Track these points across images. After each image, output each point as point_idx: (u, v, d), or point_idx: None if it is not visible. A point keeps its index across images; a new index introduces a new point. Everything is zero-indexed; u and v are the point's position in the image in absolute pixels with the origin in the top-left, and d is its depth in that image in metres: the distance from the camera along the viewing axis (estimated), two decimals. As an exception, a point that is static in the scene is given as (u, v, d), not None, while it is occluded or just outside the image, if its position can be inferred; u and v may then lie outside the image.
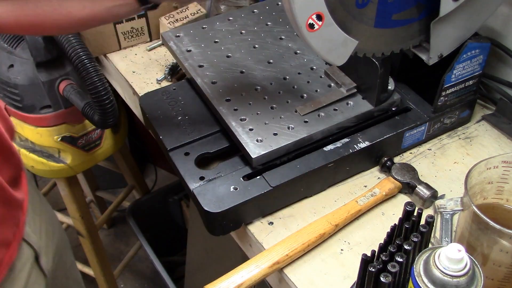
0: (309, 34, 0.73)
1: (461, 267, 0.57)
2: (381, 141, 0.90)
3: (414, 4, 0.83)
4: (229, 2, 1.29)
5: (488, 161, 0.72)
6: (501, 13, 0.98)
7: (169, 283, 1.61)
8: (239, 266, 0.76)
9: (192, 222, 1.53)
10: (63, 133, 1.30)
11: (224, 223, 0.82)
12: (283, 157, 0.86)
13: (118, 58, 1.18)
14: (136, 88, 1.10)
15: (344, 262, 0.79)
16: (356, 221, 0.85)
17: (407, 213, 0.69)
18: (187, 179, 0.83)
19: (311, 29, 0.73)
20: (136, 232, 1.74)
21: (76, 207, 1.55)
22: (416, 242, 0.65)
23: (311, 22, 0.72)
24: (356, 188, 0.90)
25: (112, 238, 2.22)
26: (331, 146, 0.88)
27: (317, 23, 0.73)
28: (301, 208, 0.87)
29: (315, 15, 0.72)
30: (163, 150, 0.90)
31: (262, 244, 0.81)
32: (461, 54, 0.87)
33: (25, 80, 1.19)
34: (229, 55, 1.00)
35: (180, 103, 0.96)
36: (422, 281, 0.58)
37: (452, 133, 0.99)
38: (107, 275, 1.76)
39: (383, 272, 0.62)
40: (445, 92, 0.91)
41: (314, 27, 0.73)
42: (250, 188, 0.82)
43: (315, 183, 0.88)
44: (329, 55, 0.78)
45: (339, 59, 0.79)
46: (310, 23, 0.72)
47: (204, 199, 0.80)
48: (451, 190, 0.89)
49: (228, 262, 1.22)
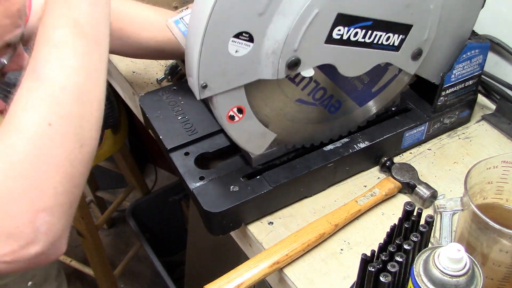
0: (229, 125, 0.76)
1: (460, 266, 0.57)
2: (381, 141, 0.90)
3: (385, 71, 0.84)
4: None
5: (488, 161, 0.72)
6: (500, 13, 0.98)
7: (169, 283, 1.61)
8: (239, 266, 0.76)
9: (192, 222, 1.53)
10: (63, 133, 1.30)
11: (224, 223, 0.82)
12: (283, 157, 0.86)
13: (118, 58, 1.18)
14: (136, 88, 1.10)
15: (344, 262, 0.79)
16: (356, 221, 0.85)
17: (407, 213, 0.69)
18: (187, 179, 0.83)
19: (231, 120, 0.75)
20: (136, 232, 1.74)
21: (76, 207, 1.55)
22: (416, 242, 0.65)
23: (231, 114, 0.75)
24: (356, 188, 0.90)
25: (112, 238, 2.22)
26: (331, 146, 0.88)
27: (237, 115, 0.75)
28: (301, 208, 0.87)
29: (236, 108, 0.74)
30: (163, 150, 0.90)
31: (262, 244, 0.81)
32: (460, 54, 0.87)
33: (25, 80, 1.19)
34: None
35: (180, 103, 0.96)
36: (422, 281, 0.58)
37: (452, 133, 0.99)
38: (107, 275, 1.76)
39: (382, 272, 0.62)
40: (445, 92, 0.92)
41: (234, 119, 0.75)
42: (250, 188, 0.82)
43: (315, 183, 0.88)
44: (247, 144, 0.80)
45: (257, 149, 0.82)
46: (231, 115, 0.75)
47: (204, 199, 0.80)
48: (451, 190, 0.89)
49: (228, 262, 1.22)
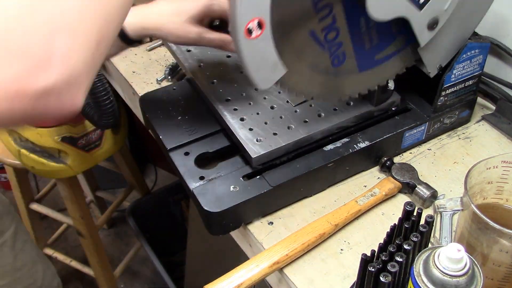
0: (244, 41, 0.69)
1: (460, 266, 0.57)
2: (381, 141, 0.90)
3: (393, 39, 0.83)
4: (229, 2, 1.29)
5: (488, 161, 0.72)
6: (500, 13, 0.98)
7: (169, 283, 1.61)
8: (239, 266, 0.76)
9: (192, 222, 1.53)
10: (63, 134, 1.30)
11: (224, 223, 0.82)
12: (283, 157, 0.86)
13: (118, 58, 1.18)
14: (136, 88, 1.10)
15: (344, 262, 0.79)
16: (356, 221, 0.85)
17: (407, 213, 0.69)
18: (187, 179, 0.83)
19: (249, 35, 0.68)
20: (136, 232, 1.74)
21: (76, 207, 1.55)
22: (416, 242, 0.65)
23: (250, 27, 0.68)
24: (356, 188, 0.90)
25: (112, 238, 2.22)
26: (331, 146, 0.88)
27: (256, 30, 0.68)
28: (301, 208, 0.87)
29: (257, 20, 0.68)
30: (163, 150, 0.90)
31: (262, 244, 0.81)
32: (460, 54, 0.87)
33: (25, 80, 1.19)
34: (229, 55, 1.00)
35: (180, 103, 0.96)
36: (422, 281, 0.58)
37: (452, 133, 0.99)
38: (107, 275, 1.76)
39: (382, 272, 0.62)
40: (445, 92, 0.92)
41: (251, 34, 0.68)
42: (250, 188, 0.82)
43: (315, 183, 0.88)
44: (256, 73, 0.74)
45: (264, 83, 0.76)
46: (249, 28, 0.68)
47: (204, 199, 0.80)
48: (451, 190, 0.89)
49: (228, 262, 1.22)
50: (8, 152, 1.45)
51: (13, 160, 1.45)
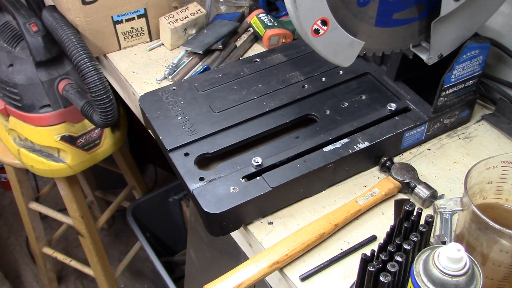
0: (314, 39, 0.74)
1: (460, 266, 0.57)
2: (380, 141, 0.90)
3: (415, 3, 0.83)
4: (229, 2, 1.29)
5: (488, 161, 0.72)
6: (501, 13, 0.98)
7: (169, 283, 1.61)
8: (239, 266, 0.76)
9: (192, 222, 1.53)
10: (63, 133, 1.30)
11: (224, 224, 0.81)
12: (283, 157, 0.86)
13: (118, 58, 1.18)
14: (136, 88, 1.10)
15: (344, 262, 0.79)
16: (355, 221, 0.85)
17: (406, 212, 0.69)
18: (187, 180, 0.83)
19: (316, 34, 0.74)
20: (136, 232, 1.74)
21: (76, 207, 1.55)
22: (416, 242, 0.65)
23: (316, 28, 0.73)
24: (356, 188, 0.90)
25: (112, 238, 2.22)
26: (331, 147, 0.88)
27: (322, 28, 0.74)
28: (301, 208, 0.87)
29: (320, 20, 0.73)
30: (163, 151, 0.90)
31: (262, 244, 0.81)
32: (460, 54, 0.87)
33: (24, 80, 1.19)
34: None
35: (180, 103, 0.96)
36: (422, 280, 0.58)
37: (452, 133, 0.99)
38: (107, 275, 1.76)
39: (382, 271, 0.62)
40: (444, 92, 0.91)
41: (319, 32, 0.74)
42: (250, 188, 0.82)
43: (315, 184, 0.87)
44: (336, 57, 0.79)
45: (346, 61, 0.81)
46: (315, 29, 0.73)
47: (204, 199, 0.80)
48: (450, 190, 0.89)
49: (228, 262, 1.22)
50: (8, 151, 1.45)
51: (13, 159, 1.45)
